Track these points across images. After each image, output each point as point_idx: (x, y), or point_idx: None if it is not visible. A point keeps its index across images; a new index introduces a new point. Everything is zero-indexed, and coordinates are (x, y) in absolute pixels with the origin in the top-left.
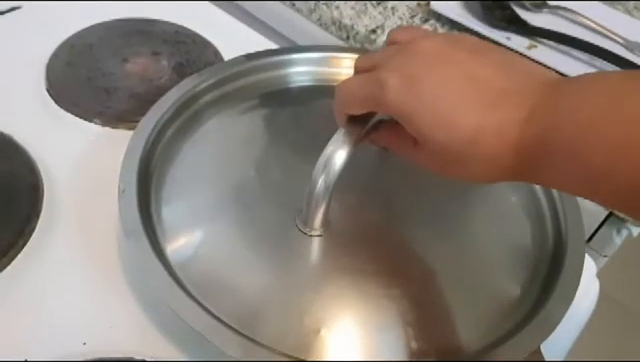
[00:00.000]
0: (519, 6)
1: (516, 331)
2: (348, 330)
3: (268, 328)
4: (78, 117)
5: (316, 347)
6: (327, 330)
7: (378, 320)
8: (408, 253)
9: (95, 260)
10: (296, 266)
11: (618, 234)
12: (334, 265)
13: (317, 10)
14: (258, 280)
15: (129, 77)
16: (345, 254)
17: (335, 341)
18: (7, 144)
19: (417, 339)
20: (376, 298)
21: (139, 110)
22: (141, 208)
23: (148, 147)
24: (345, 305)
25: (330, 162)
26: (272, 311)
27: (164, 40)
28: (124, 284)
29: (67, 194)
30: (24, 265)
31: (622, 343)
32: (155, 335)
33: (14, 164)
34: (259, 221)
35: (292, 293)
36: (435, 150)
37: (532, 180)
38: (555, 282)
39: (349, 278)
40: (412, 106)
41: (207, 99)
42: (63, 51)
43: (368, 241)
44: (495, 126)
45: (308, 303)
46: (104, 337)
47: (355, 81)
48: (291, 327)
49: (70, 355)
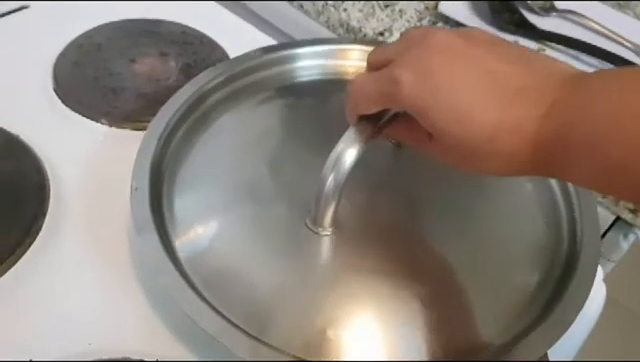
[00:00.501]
0: (527, 9)
1: (530, 331)
2: (358, 330)
3: (277, 327)
4: (85, 117)
5: (325, 347)
6: (337, 330)
7: (389, 320)
8: (420, 251)
9: (102, 259)
10: (306, 265)
11: (625, 239)
12: (344, 264)
13: (325, 12)
14: (268, 279)
15: (136, 77)
16: (356, 253)
17: (345, 341)
18: (14, 143)
19: (429, 340)
20: (387, 298)
21: (146, 110)
22: (152, 206)
23: (160, 145)
24: (355, 305)
25: (340, 160)
26: (281, 310)
27: (172, 40)
28: (131, 283)
29: (74, 194)
30: (31, 264)
31: (629, 348)
32: (164, 334)
33: (21, 163)
34: (270, 219)
35: (301, 292)
36: (451, 145)
37: (549, 174)
38: (569, 282)
39: (360, 278)
40: (427, 101)
41: (218, 96)
42: (71, 51)
43: (379, 240)
44: (513, 122)
45: (318, 303)
46: (110, 337)
47: (368, 79)
48: (300, 327)
49: (75, 355)
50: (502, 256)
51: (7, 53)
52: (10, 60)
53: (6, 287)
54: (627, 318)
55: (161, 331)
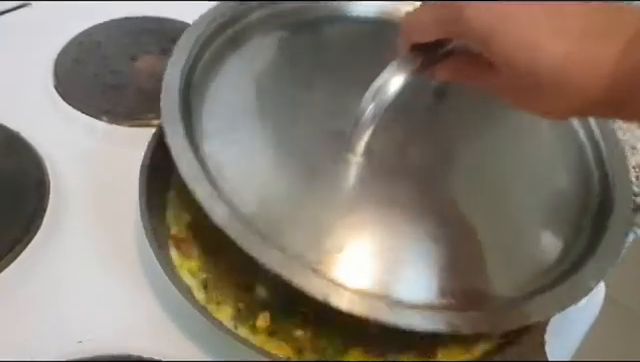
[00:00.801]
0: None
1: (545, 290)
2: (369, 257)
3: (293, 240)
4: (85, 114)
5: (335, 266)
6: (348, 253)
7: (401, 254)
8: (444, 196)
9: (103, 256)
10: (331, 187)
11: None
12: (367, 193)
13: None
14: (291, 193)
15: (137, 75)
16: (380, 185)
17: (354, 264)
18: (14, 140)
19: (437, 279)
20: (403, 232)
21: (147, 108)
22: (182, 108)
23: (191, 59)
24: (371, 233)
25: (384, 88)
26: (300, 224)
27: (173, 38)
28: (133, 279)
29: (74, 190)
30: (30, 261)
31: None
32: (168, 330)
33: (21, 161)
34: (300, 140)
35: (322, 211)
36: (515, 75)
37: (613, 115)
38: (598, 242)
39: (379, 209)
40: (493, 26)
41: (253, 18)
42: (71, 48)
43: (406, 178)
44: (589, 57)
45: (336, 223)
46: (111, 333)
47: (426, 6)
48: (315, 243)
49: (75, 352)
50: (531, 211)
51: (8, 50)
52: (11, 57)
53: (5, 283)
54: (627, 316)
55: (165, 327)
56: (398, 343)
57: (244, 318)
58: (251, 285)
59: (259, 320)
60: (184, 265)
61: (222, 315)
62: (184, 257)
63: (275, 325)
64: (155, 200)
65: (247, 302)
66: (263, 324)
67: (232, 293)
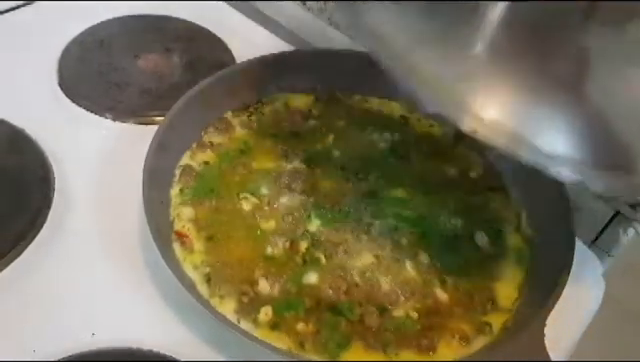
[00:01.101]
0: None
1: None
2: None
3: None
4: (89, 111)
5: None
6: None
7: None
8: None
9: (108, 251)
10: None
11: (624, 233)
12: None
13: (327, 10)
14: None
15: (141, 73)
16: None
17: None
18: (19, 137)
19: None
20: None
21: (150, 105)
22: None
23: None
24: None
25: None
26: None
27: (176, 37)
28: (137, 274)
29: (78, 187)
30: (35, 256)
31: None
32: (171, 324)
33: (26, 157)
34: None
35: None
36: None
37: None
38: None
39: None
40: None
41: None
42: (75, 46)
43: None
44: None
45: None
46: (115, 327)
47: None
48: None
49: (80, 346)
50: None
51: (13, 48)
52: (15, 55)
53: (10, 279)
54: (625, 313)
55: (168, 320)
56: (397, 338)
57: (247, 312)
58: (254, 279)
59: (261, 314)
60: (187, 259)
61: (225, 309)
62: (187, 252)
63: (277, 318)
64: (158, 196)
65: (250, 296)
66: (265, 318)
67: (235, 287)
